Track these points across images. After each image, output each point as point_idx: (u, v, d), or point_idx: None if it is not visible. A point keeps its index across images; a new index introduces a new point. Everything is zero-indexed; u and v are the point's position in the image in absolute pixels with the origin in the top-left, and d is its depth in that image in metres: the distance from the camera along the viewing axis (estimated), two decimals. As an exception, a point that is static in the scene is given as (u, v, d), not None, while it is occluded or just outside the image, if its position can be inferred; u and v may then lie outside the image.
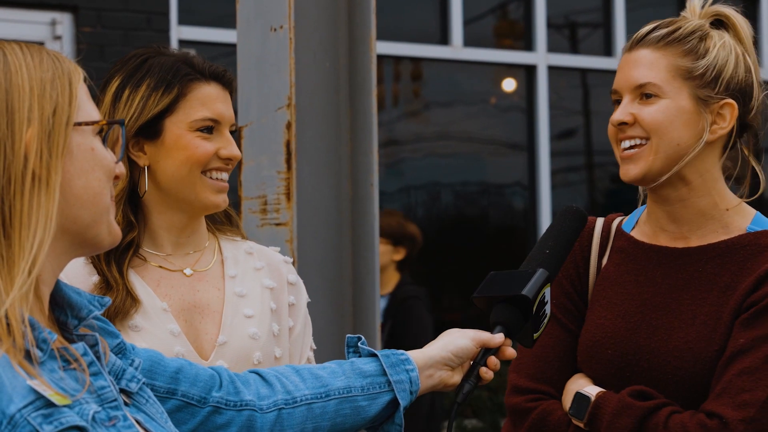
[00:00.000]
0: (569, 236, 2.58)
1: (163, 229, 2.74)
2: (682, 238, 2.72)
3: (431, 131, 9.96)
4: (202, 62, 2.75)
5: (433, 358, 2.39)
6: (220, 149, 2.71)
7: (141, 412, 1.93)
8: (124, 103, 2.70)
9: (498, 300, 2.44)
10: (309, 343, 2.85)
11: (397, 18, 9.48)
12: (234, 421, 2.22)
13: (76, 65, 1.93)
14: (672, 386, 2.60)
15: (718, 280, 2.64)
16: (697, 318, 2.62)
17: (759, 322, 2.55)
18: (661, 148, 2.65)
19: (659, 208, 2.74)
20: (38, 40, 7.85)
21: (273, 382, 2.29)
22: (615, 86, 2.73)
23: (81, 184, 1.87)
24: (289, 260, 2.86)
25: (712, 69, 2.67)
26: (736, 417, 2.50)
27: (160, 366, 2.19)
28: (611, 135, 2.73)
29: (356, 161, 3.80)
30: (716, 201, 2.70)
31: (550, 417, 2.68)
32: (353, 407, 2.31)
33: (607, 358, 2.67)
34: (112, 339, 2.01)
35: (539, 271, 2.44)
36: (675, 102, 2.66)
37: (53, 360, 1.80)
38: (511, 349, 2.43)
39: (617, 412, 2.58)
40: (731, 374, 2.54)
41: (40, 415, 1.72)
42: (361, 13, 3.82)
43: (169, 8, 8.44)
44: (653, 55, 2.68)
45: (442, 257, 9.76)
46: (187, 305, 2.72)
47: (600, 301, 2.73)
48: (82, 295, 1.96)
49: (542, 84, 9.81)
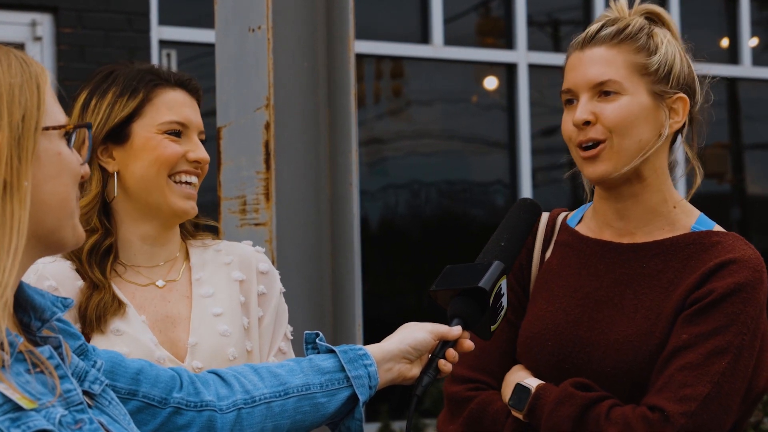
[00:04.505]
0: (524, 229, 2.59)
1: (136, 239, 2.75)
2: (627, 234, 2.73)
3: (413, 130, 9.97)
4: (167, 70, 2.78)
5: (392, 351, 2.39)
6: (188, 152, 2.72)
7: (104, 414, 1.92)
8: (92, 111, 2.73)
9: (455, 293, 2.45)
10: (282, 333, 2.83)
11: (377, 17, 9.48)
12: (194, 421, 2.22)
13: (42, 67, 1.92)
14: (611, 380, 2.61)
15: (661, 277, 2.65)
16: (638, 312, 2.64)
17: (702, 319, 2.57)
18: (624, 146, 2.66)
19: (608, 204, 2.74)
20: (18, 41, 7.83)
21: (232, 382, 2.28)
22: (569, 85, 2.71)
23: (48, 189, 1.86)
24: (261, 250, 2.86)
25: (664, 64, 2.68)
26: (677, 410, 2.51)
27: (120, 367, 2.18)
28: (568, 135, 2.71)
29: (335, 161, 3.81)
30: (666, 197, 2.72)
31: (489, 407, 2.69)
32: (312, 404, 2.30)
33: (546, 350, 2.68)
34: (74, 340, 2.00)
35: (495, 263, 2.45)
36: (635, 98, 2.67)
37: (19, 363, 1.79)
38: (469, 341, 2.44)
39: (559, 401, 2.58)
40: (673, 369, 2.55)
41: (7, 419, 1.72)
42: (340, 13, 3.83)
43: (149, 9, 8.43)
44: (609, 53, 2.68)
45: (424, 255, 9.77)
46: (160, 317, 2.73)
47: (542, 293, 2.74)
48: (46, 297, 1.94)
49: (523, 82, 9.82)
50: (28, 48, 7.95)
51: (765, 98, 11.16)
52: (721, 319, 2.56)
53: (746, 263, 2.60)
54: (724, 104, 10.69)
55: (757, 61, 10.83)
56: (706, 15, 11.04)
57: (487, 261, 2.48)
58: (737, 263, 2.60)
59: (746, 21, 10.70)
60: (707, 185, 11.50)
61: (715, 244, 2.65)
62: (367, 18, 8.83)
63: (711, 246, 2.65)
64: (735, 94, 10.89)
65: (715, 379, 2.53)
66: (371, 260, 9.09)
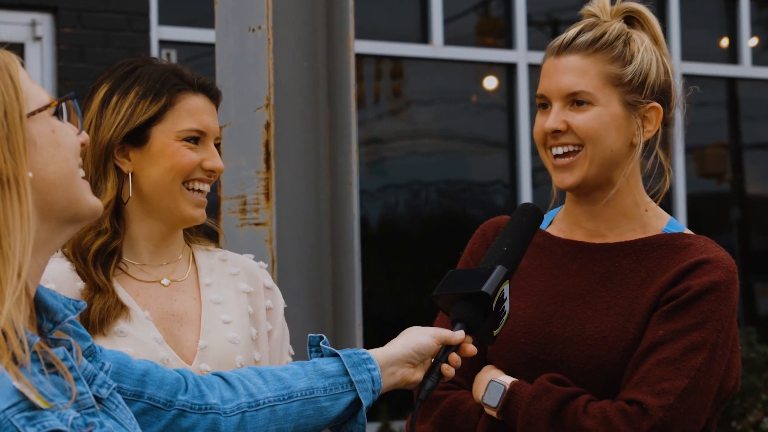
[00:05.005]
0: (526, 234, 2.60)
1: (142, 237, 2.75)
2: (599, 235, 2.75)
3: (412, 130, 9.97)
4: (191, 73, 2.75)
5: (395, 356, 2.39)
6: (204, 161, 2.72)
7: (111, 418, 1.93)
8: (112, 110, 2.70)
9: (458, 297, 2.45)
10: (287, 348, 2.86)
11: (377, 17, 9.48)
12: (199, 424, 2.22)
13: (9, 53, 1.89)
14: (585, 376, 2.63)
15: (634, 275, 2.67)
16: (611, 309, 2.65)
17: (678, 316, 2.59)
18: (596, 155, 2.67)
19: (579, 206, 2.77)
20: (18, 41, 7.83)
21: (236, 385, 2.28)
22: (542, 91, 2.72)
23: (51, 169, 1.86)
24: (264, 265, 2.88)
25: (638, 75, 2.69)
26: (655, 403, 2.53)
27: (126, 368, 2.18)
28: (540, 140, 2.73)
29: (335, 161, 3.81)
30: (637, 200, 2.75)
31: (461, 406, 2.69)
32: (316, 408, 2.31)
33: (518, 348, 2.69)
34: (84, 342, 2.00)
35: (498, 267, 2.46)
36: (607, 109, 2.67)
37: (34, 363, 1.80)
38: (472, 345, 2.45)
39: (536, 396, 2.59)
40: (650, 364, 2.57)
41: (23, 417, 1.73)
42: (340, 13, 3.83)
43: (149, 8, 8.43)
44: (583, 62, 2.68)
45: (424, 255, 9.77)
46: (165, 314, 2.72)
47: (513, 293, 2.75)
48: (58, 299, 1.95)
49: (523, 82, 9.82)
50: (27, 48, 7.95)
51: (765, 98, 11.16)
52: (698, 316, 2.59)
53: (720, 263, 2.64)
54: (723, 104, 10.69)
55: (757, 60, 10.83)
56: (706, 15, 11.04)
57: (490, 266, 2.48)
58: (711, 263, 2.63)
59: (746, 21, 10.70)
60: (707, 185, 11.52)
61: (688, 246, 2.68)
62: (366, 18, 8.83)
63: (683, 247, 2.68)
64: (734, 94, 10.89)
65: (692, 374, 2.55)
66: (371, 260, 9.10)
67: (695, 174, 10.59)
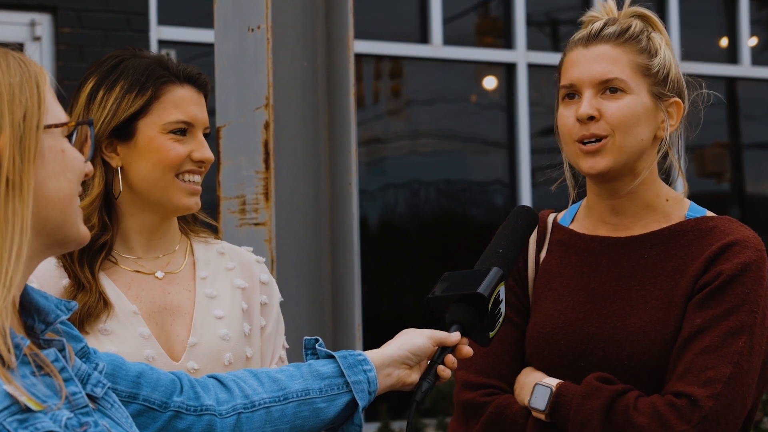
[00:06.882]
0: (521, 236, 2.60)
1: (134, 231, 2.73)
2: (623, 228, 2.76)
3: (412, 129, 9.97)
4: (177, 65, 2.74)
5: (391, 357, 2.39)
6: (192, 152, 2.70)
7: (106, 417, 1.92)
8: (98, 104, 2.69)
9: (453, 299, 2.46)
10: (281, 342, 2.84)
11: (376, 17, 9.48)
12: (194, 426, 2.22)
13: (41, 67, 1.93)
14: (629, 373, 2.63)
15: (664, 266, 2.68)
16: (648, 303, 2.66)
17: (714, 302, 2.61)
18: (625, 144, 2.68)
19: (602, 201, 2.77)
20: (17, 41, 7.83)
21: (231, 386, 2.28)
22: (572, 80, 2.72)
23: (53, 186, 1.87)
24: (261, 260, 2.86)
25: (663, 68, 2.73)
26: (704, 394, 2.54)
27: (121, 370, 2.18)
28: (568, 129, 2.72)
29: (335, 161, 3.81)
30: (659, 192, 2.76)
31: (507, 411, 2.69)
32: (312, 409, 2.31)
33: (559, 349, 2.70)
34: (76, 343, 2.00)
35: (493, 269, 2.47)
36: (639, 98, 2.70)
37: (25, 365, 1.79)
38: (468, 347, 2.45)
39: (586, 396, 2.60)
40: (692, 354, 2.58)
41: (15, 420, 1.72)
42: (339, 13, 3.83)
43: (148, 8, 8.43)
44: (615, 51, 2.70)
45: (423, 255, 9.77)
46: (157, 308, 2.71)
47: (546, 293, 2.75)
48: (49, 300, 1.95)
49: (522, 82, 9.82)
50: (27, 48, 7.95)
51: (764, 98, 11.16)
52: (733, 300, 2.60)
53: (747, 243, 2.66)
54: (723, 104, 10.69)
55: (757, 60, 10.83)
56: (706, 15, 11.04)
57: (485, 267, 2.49)
58: (739, 245, 2.65)
59: (745, 20, 10.70)
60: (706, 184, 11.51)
61: (712, 228, 2.69)
62: (366, 18, 8.83)
63: (708, 231, 2.69)
64: (734, 94, 10.89)
65: (735, 359, 2.57)
66: (370, 260, 9.10)
67: (695, 173, 10.59)
